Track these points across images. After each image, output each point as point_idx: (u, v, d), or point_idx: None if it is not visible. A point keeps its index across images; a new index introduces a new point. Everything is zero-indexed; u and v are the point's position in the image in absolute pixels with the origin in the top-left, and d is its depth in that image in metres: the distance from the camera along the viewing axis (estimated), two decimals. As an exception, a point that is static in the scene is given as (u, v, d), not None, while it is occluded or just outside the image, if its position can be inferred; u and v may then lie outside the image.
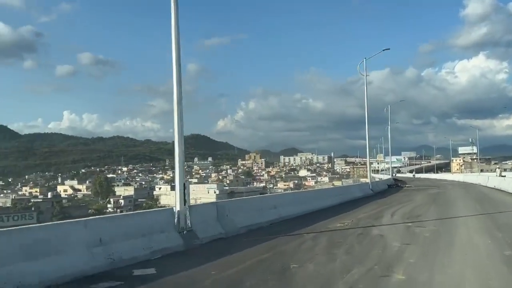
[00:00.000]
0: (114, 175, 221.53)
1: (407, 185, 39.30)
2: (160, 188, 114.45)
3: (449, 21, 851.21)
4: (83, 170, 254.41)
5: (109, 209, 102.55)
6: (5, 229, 6.76)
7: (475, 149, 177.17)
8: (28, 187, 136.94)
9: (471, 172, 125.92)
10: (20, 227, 7.38)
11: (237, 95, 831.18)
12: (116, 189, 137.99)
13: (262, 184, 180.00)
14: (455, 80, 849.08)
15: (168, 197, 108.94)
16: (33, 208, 71.25)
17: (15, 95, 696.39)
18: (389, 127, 65.52)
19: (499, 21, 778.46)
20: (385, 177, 65.03)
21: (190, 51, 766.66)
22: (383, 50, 33.00)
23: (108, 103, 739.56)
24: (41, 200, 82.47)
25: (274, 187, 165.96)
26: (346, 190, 29.08)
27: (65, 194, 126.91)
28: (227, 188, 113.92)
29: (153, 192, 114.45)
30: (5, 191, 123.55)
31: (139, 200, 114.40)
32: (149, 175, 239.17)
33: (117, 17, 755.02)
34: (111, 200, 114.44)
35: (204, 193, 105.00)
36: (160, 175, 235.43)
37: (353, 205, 20.71)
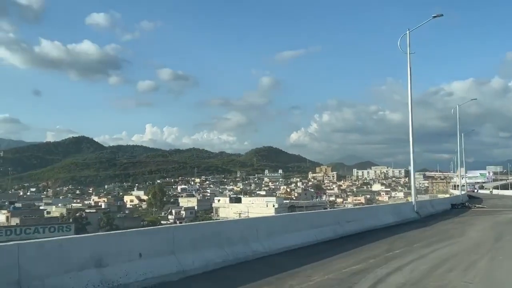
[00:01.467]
0: (186, 186, 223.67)
1: (478, 205, 30.64)
2: (219, 201, 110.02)
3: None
4: (158, 181, 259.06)
5: (170, 220, 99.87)
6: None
7: None
8: (97, 197, 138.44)
9: None
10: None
11: (310, 107, 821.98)
12: (180, 200, 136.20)
13: (332, 198, 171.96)
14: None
15: (225, 209, 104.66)
16: (85, 218, 69.03)
17: (101, 109, 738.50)
18: (457, 134, 56.54)
19: None
20: (457, 193, 55.66)
21: (264, 64, 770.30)
22: (434, 16, 25.41)
23: (187, 117, 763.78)
24: (94, 211, 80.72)
25: (344, 201, 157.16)
26: (368, 212, 18.81)
27: (130, 205, 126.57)
28: (287, 201, 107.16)
29: (211, 204, 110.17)
30: (74, 200, 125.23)
31: (200, 211, 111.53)
32: (220, 187, 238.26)
33: (195, 34, 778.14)
34: (173, 211, 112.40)
35: (262, 207, 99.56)
36: (231, 187, 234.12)
37: (338, 247, 11.91)
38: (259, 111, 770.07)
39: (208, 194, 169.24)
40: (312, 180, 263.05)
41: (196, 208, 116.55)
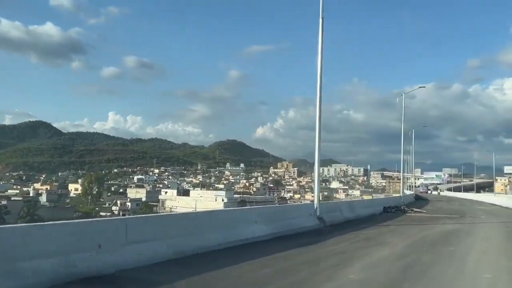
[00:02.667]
0: (143, 176, 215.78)
1: (416, 209, 25.87)
2: (166, 193, 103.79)
3: (500, 36, 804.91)
4: (115, 170, 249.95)
5: (114, 211, 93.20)
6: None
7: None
8: (39, 184, 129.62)
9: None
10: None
11: (277, 103, 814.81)
12: (128, 190, 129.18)
13: (290, 194, 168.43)
14: (503, 97, 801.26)
15: (173, 202, 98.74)
16: (3, 207, 61.77)
17: (63, 95, 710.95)
18: (402, 123, 53.76)
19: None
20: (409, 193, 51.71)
21: (233, 58, 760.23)
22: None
23: (152, 106, 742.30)
24: (20, 199, 73.12)
25: (301, 198, 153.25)
26: (223, 218, 11.19)
27: (75, 194, 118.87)
28: (237, 196, 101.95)
29: (158, 197, 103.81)
30: (14, 186, 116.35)
31: (149, 203, 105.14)
32: (179, 178, 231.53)
33: (163, 22, 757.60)
34: (118, 202, 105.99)
35: (211, 200, 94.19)
36: (190, 179, 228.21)
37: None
38: (226, 105, 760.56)
39: (160, 186, 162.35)
40: (273, 175, 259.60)
41: (144, 199, 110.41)
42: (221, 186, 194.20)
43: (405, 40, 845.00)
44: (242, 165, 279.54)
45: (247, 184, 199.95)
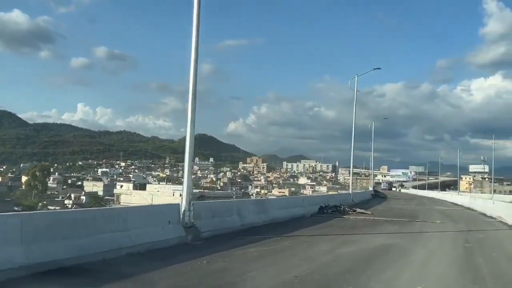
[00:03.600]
0: (108, 169, 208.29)
1: (361, 211, 21.45)
2: (121, 186, 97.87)
3: (468, 38, 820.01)
4: (80, 162, 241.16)
5: (68, 205, 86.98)
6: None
7: (486, 168, 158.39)
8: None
9: (481, 192, 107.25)
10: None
11: (250, 99, 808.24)
12: (85, 183, 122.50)
13: (257, 190, 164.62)
14: (470, 98, 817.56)
15: (128, 196, 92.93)
16: None
17: (30, 85, 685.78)
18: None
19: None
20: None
21: (206, 51, 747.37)
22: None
23: (123, 99, 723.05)
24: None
25: (268, 193, 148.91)
26: None
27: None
28: (197, 191, 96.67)
29: (113, 190, 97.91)
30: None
31: (106, 197, 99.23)
32: (146, 172, 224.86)
33: (135, 13, 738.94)
34: (72, 195, 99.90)
35: (169, 195, 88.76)
36: (157, 173, 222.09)
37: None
38: (198, 99, 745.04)
39: (121, 179, 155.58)
40: (242, 170, 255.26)
41: (101, 193, 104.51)
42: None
43: (375, 38, 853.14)
44: (211, 159, 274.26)
45: (213, 179, 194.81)
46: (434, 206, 31.83)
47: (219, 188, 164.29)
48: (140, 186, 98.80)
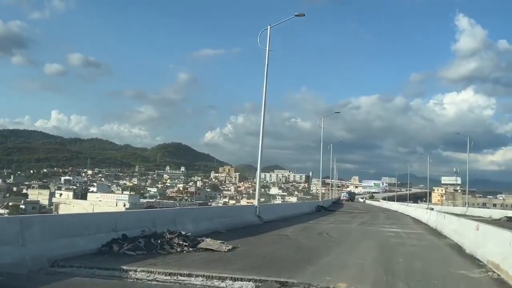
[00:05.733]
0: (71, 178, 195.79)
1: (207, 244, 12.42)
2: (61, 195, 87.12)
3: (441, 53, 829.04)
4: (44, 170, 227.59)
5: (3, 214, 75.87)
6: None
7: (459, 180, 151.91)
8: None
9: (453, 205, 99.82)
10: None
11: (227, 108, 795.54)
12: (29, 191, 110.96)
13: (224, 200, 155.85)
14: (442, 112, 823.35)
15: (67, 206, 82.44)
16: None
17: (1, 90, 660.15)
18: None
19: (488, 57, 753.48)
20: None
21: (182, 60, 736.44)
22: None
23: (98, 106, 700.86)
24: None
25: (236, 203, 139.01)
26: None
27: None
28: (145, 201, 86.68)
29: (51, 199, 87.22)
30: None
31: (49, 207, 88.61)
32: (113, 181, 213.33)
33: (111, 20, 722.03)
34: (9, 203, 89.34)
35: (111, 205, 78.76)
36: (124, 182, 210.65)
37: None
38: (174, 107, 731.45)
39: (84, 188, 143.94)
40: (214, 180, 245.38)
41: (46, 202, 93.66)
42: (154, 189, 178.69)
43: (351, 52, 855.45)
44: (183, 168, 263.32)
45: (180, 188, 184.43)
46: (383, 226, 21.77)
47: (186, 197, 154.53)
48: (82, 195, 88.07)
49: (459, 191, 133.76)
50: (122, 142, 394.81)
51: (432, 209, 50.71)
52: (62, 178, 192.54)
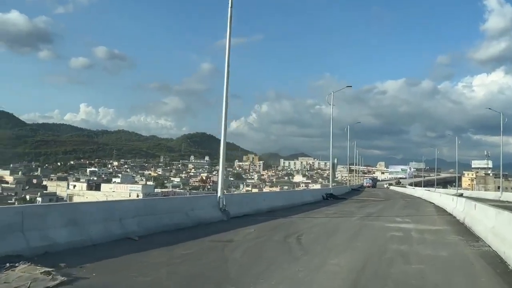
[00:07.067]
0: (96, 169, 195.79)
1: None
2: (74, 187, 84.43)
3: (469, 34, 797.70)
4: (71, 162, 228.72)
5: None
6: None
7: (490, 163, 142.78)
8: None
9: (484, 189, 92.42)
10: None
11: (251, 97, 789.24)
12: (48, 183, 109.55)
13: (247, 188, 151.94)
14: (472, 94, 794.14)
15: (81, 198, 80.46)
16: None
17: (31, 85, 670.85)
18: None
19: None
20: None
21: (205, 50, 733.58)
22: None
23: (124, 98, 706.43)
24: None
25: (261, 191, 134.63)
26: None
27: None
28: (159, 191, 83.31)
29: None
30: None
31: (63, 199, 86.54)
32: (138, 171, 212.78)
33: (134, 12, 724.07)
34: (27, 196, 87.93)
35: (125, 195, 76.33)
36: (148, 172, 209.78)
37: None
38: (198, 98, 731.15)
39: (104, 178, 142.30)
40: (238, 168, 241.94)
41: (65, 193, 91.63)
42: (177, 179, 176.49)
43: (376, 36, 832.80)
44: (207, 158, 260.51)
45: (203, 177, 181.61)
46: (393, 219, 15.44)
47: (209, 186, 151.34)
48: (96, 186, 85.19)
49: (490, 174, 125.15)
50: (149, 133, 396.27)
51: (461, 194, 44.57)
52: (88, 170, 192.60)
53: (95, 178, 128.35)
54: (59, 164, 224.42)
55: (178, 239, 9.60)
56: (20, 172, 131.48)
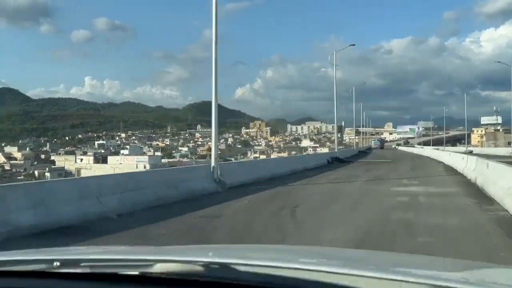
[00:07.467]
0: (105, 142, 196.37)
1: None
2: (81, 160, 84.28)
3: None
4: (79, 136, 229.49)
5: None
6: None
7: (499, 119, 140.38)
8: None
9: (494, 146, 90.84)
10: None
11: (255, 63, 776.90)
12: (56, 158, 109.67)
13: (255, 155, 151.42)
14: (480, 50, 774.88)
15: (88, 171, 79.80)
16: None
17: (35, 60, 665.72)
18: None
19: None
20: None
21: (206, 16, 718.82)
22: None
23: (128, 70, 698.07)
24: None
25: (266, 158, 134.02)
26: None
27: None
28: (166, 161, 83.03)
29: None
30: None
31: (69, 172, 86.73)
32: (147, 142, 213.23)
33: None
34: (35, 172, 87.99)
35: (132, 167, 75.54)
36: (156, 143, 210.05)
37: None
38: (202, 66, 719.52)
39: (112, 150, 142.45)
40: (245, 135, 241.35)
41: (73, 167, 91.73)
42: (185, 149, 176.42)
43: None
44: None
45: (210, 146, 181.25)
46: (400, 182, 15.44)
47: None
48: (103, 159, 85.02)
49: (500, 130, 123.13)
50: (155, 104, 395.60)
51: (470, 152, 43.42)
52: (96, 143, 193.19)
53: (103, 151, 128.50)
54: (67, 138, 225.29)
55: (161, 216, 8.73)
56: (28, 148, 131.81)
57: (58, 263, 1.47)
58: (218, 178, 13.70)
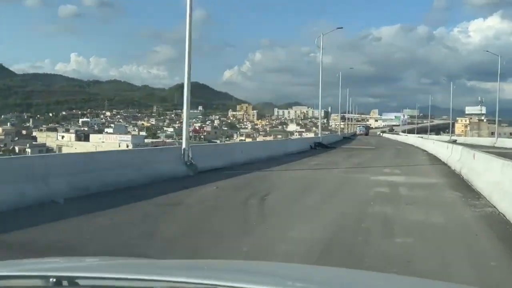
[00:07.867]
0: (89, 119, 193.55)
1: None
2: (63, 137, 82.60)
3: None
4: (63, 113, 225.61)
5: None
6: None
7: (484, 109, 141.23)
8: None
9: (478, 135, 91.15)
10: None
11: (244, 45, 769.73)
12: (38, 134, 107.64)
13: (241, 138, 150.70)
14: (467, 40, 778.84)
15: (70, 149, 78.50)
16: None
17: (20, 35, 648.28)
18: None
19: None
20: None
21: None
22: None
23: (115, 47, 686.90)
24: None
25: (250, 141, 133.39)
26: None
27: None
28: (149, 141, 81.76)
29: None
30: None
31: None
32: (132, 121, 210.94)
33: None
34: (16, 148, 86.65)
35: (114, 146, 74.12)
36: (141, 122, 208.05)
37: None
38: (192, 46, 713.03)
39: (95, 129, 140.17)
40: (232, 118, 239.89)
41: (55, 144, 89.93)
42: (171, 129, 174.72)
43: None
44: (200, 107, 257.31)
45: (197, 127, 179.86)
46: (381, 170, 14.70)
47: (202, 136, 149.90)
48: (85, 137, 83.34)
49: (484, 120, 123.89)
50: (141, 83, 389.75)
51: (454, 141, 43.02)
52: (80, 120, 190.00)
53: (86, 129, 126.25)
54: (50, 115, 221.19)
55: (114, 202, 7.80)
56: (9, 123, 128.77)
57: (54, 280, 1.43)
58: (189, 161, 12.78)
